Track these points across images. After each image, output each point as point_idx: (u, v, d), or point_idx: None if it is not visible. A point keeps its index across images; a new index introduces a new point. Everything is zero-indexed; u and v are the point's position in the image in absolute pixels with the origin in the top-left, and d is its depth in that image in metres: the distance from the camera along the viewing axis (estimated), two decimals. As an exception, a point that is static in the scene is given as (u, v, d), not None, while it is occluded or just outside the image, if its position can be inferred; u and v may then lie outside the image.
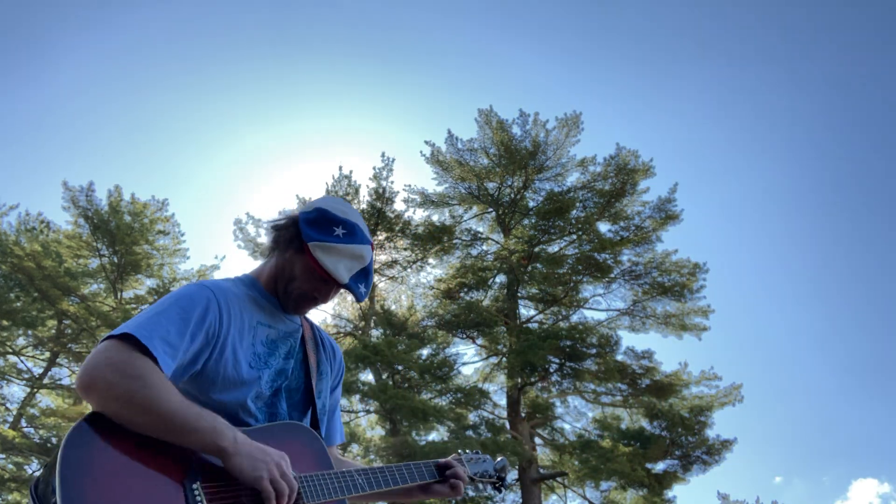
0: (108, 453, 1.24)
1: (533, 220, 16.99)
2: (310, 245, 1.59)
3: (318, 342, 1.84)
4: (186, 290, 1.51)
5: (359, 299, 1.64)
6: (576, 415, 16.31)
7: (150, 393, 1.27)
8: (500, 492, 1.90)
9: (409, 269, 17.30)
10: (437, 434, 14.90)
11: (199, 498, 1.27)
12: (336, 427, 1.89)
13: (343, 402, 7.64)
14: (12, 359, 16.94)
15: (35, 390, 16.83)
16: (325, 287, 1.63)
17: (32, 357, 17.29)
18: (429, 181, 30.52)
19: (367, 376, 14.93)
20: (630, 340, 50.18)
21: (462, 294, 16.63)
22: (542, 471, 14.97)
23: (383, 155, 16.78)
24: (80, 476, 1.17)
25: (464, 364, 16.53)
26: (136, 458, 1.26)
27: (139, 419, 1.27)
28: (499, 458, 2.08)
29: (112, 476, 1.21)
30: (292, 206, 17.92)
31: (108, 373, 1.27)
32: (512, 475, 14.43)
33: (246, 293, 1.64)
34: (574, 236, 16.64)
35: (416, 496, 1.87)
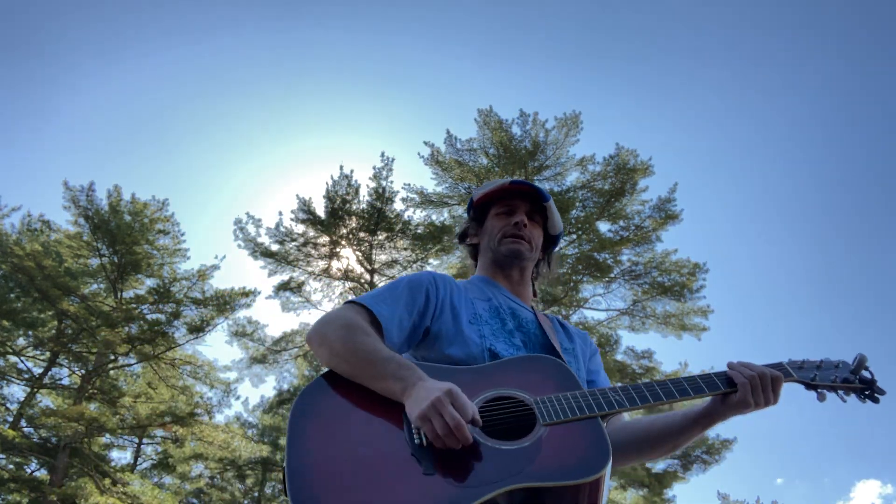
0: (334, 400, 1.40)
1: (533, 220, 16.97)
2: (474, 200, 1.96)
3: (557, 329, 1.83)
4: (415, 274, 1.77)
5: (529, 183, 1.88)
6: (576, 414, 16.32)
7: (352, 347, 1.45)
8: (874, 400, 1.46)
9: (409, 269, 17.31)
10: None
11: (414, 427, 1.29)
12: None
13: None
14: (12, 359, 16.95)
15: (35, 390, 16.82)
16: (507, 215, 1.88)
17: (32, 357, 17.30)
18: (428, 181, 30.52)
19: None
20: (630, 340, 50.15)
21: (462, 294, 16.60)
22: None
23: (383, 154, 16.78)
24: (306, 417, 1.34)
25: (464, 364, 16.52)
26: (359, 403, 1.38)
27: (344, 366, 1.45)
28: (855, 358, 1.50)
29: (335, 416, 1.35)
30: (292, 206, 17.97)
31: (321, 338, 1.51)
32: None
33: (466, 284, 1.85)
34: (574, 236, 16.64)
35: (694, 424, 1.52)
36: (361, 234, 16.52)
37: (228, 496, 20.87)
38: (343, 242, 16.68)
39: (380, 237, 16.53)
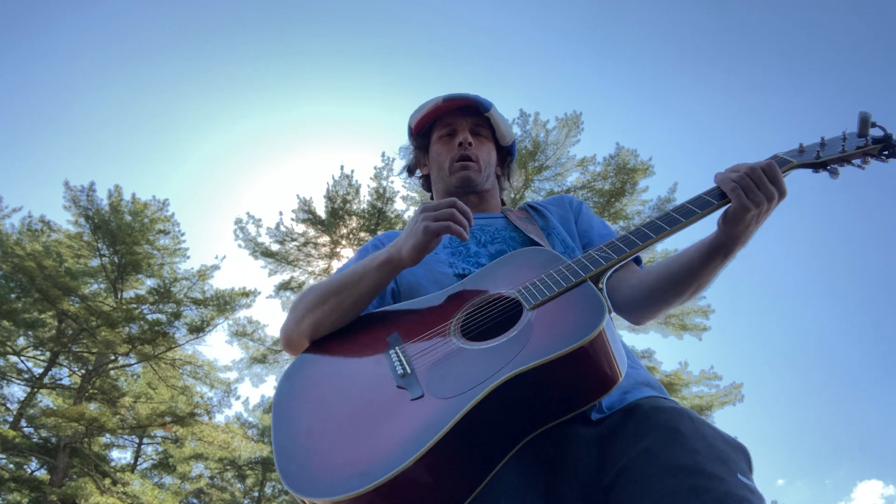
0: (309, 369, 1.33)
1: (533, 220, 17.00)
2: (412, 127, 1.77)
3: (533, 217, 1.71)
4: (359, 249, 1.67)
5: (464, 95, 1.70)
6: (576, 414, 16.32)
7: (321, 288, 1.40)
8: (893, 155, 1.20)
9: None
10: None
11: (395, 359, 1.22)
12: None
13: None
14: (12, 359, 16.95)
15: (35, 390, 16.83)
16: (450, 136, 1.71)
17: (32, 357, 17.30)
18: (429, 181, 30.40)
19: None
20: (630, 340, 50.06)
21: (462, 294, 16.61)
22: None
23: (383, 155, 16.78)
24: (285, 397, 1.27)
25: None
26: (335, 362, 1.33)
27: (328, 308, 1.37)
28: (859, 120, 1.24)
29: (312, 384, 1.28)
30: (292, 206, 17.99)
31: (290, 315, 1.43)
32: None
33: None
34: (574, 236, 16.65)
35: (712, 256, 1.33)
36: (362, 234, 16.52)
37: (228, 496, 20.87)
38: (344, 242, 16.68)
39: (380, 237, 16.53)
